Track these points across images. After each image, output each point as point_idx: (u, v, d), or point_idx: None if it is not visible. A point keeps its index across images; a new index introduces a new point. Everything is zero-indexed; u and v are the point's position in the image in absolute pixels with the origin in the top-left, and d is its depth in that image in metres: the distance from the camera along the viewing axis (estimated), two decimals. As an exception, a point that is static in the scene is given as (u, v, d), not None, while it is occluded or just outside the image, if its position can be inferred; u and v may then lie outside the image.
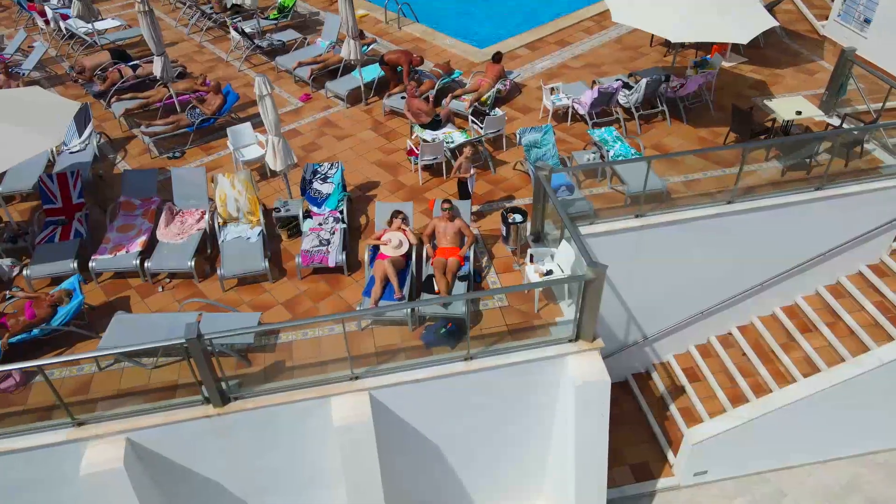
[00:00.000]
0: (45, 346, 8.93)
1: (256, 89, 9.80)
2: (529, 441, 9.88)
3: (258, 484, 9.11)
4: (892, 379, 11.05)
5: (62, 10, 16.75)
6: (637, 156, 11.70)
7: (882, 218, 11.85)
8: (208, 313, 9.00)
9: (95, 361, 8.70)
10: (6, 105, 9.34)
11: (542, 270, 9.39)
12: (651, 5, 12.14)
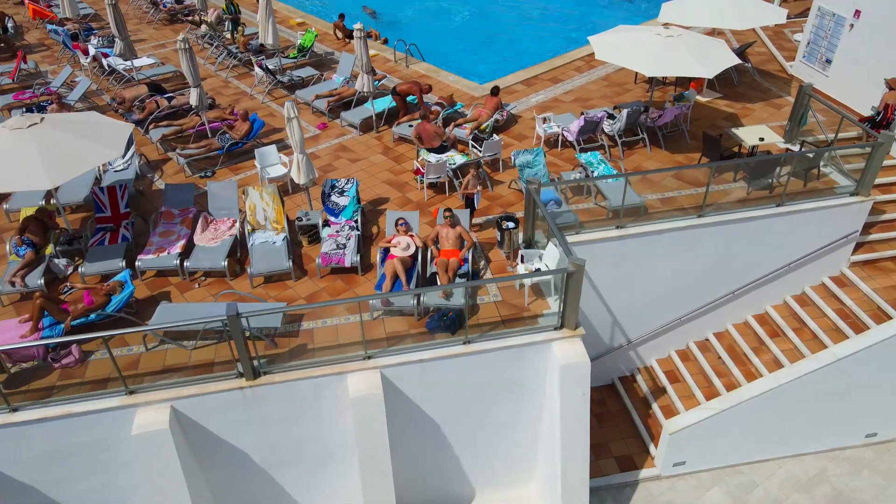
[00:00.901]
0: (99, 330, 10.26)
1: (286, 112, 11.37)
2: (521, 424, 11.12)
3: (280, 455, 10.34)
4: (847, 375, 12.28)
5: (104, 49, 18.55)
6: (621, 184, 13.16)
7: (839, 233, 13.24)
8: (241, 303, 10.35)
9: (143, 342, 10.04)
10: (74, 126, 10.90)
11: (532, 268, 10.77)
12: (630, 46, 13.80)
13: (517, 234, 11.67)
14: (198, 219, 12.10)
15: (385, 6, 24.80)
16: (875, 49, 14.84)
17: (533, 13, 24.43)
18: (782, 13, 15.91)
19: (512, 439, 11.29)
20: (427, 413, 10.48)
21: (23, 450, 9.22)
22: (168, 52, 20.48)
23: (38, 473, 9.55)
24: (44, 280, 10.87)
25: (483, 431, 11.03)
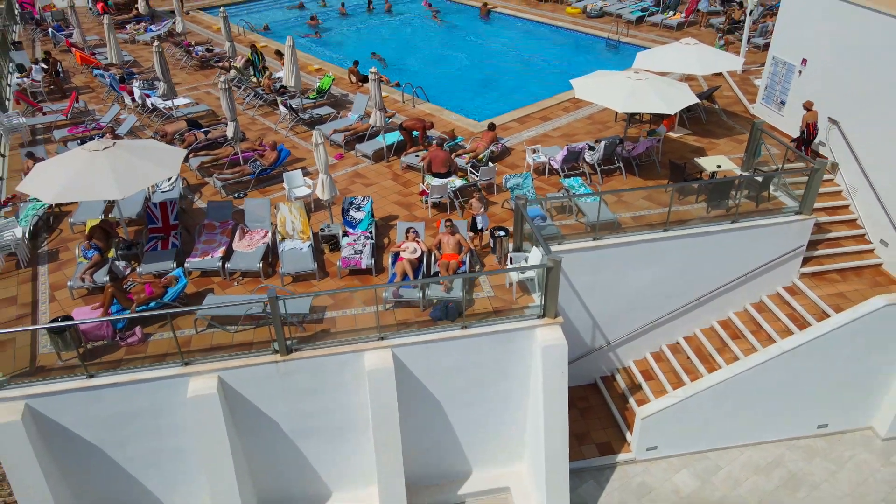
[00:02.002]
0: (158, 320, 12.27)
1: (314, 139, 13.63)
2: (511, 401, 13.00)
3: (306, 423, 12.22)
4: (793, 367, 14.18)
5: (146, 90, 20.99)
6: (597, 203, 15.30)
7: (788, 247, 15.29)
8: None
9: (194, 326, 12.03)
10: (138, 149, 13.12)
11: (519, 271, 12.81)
12: (605, 87, 16.13)
13: (507, 242, 13.74)
14: (235, 230, 14.22)
15: (392, 54, 27.40)
16: (819, 90, 17.14)
17: (526, 60, 27.02)
18: (739, 61, 18.32)
19: (502, 416, 13.15)
20: (429, 389, 12.39)
21: (95, 411, 11.12)
22: (200, 93, 22.94)
23: (105, 433, 11.44)
24: (108, 278, 12.91)
25: (478, 408, 12.90)
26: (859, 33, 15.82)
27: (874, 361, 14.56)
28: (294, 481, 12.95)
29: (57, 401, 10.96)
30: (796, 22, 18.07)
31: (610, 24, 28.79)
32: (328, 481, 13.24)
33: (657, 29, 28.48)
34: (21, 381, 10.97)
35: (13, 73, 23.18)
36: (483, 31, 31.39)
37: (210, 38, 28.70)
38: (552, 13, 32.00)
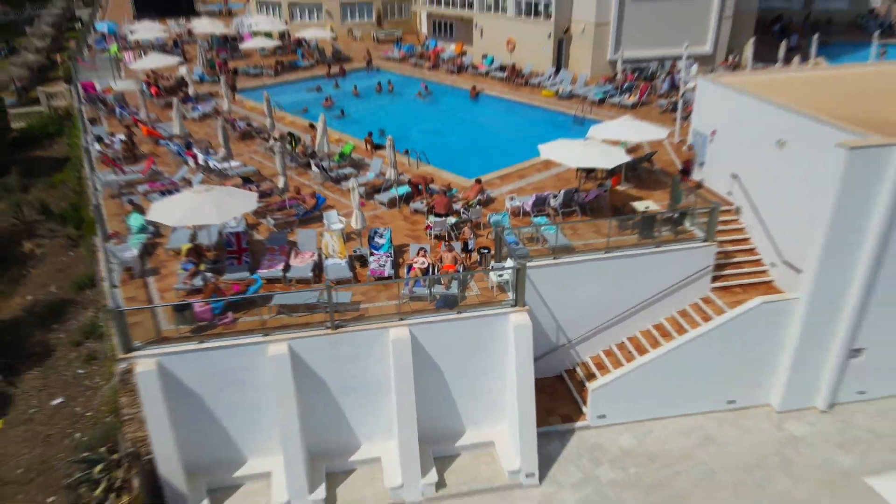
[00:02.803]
0: (244, 308, 17.26)
1: (350, 184, 19.06)
2: (492, 372, 17.91)
3: (345, 383, 17.07)
4: (703, 352, 19.17)
5: (209, 157, 26.61)
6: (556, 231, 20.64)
7: (699, 267, 20.53)
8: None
9: (268, 312, 17.05)
10: (226, 193, 18.52)
11: (498, 276, 18.01)
12: (562, 149, 21.80)
13: (490, 257, 18.99)
14: (291, 251, 19.43)
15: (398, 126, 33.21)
16: (725, 154, 22.84)
17: (507, 132, 32.93)
18: (664, 131, 24.14)
19: (487, 384, 18.07)
20: (434, 360, 17.34)
21: (202, 367, 16.00)
22: (245, 157, 28.51)
23: (208, 384, 16.27)
24: (204, 281, 17.99)
25: (468, 376, 17.84)
26: (746, 113, 21.67)
27: (762, 349, 19.63)
28: (334, 429, 17.67)
29: (177, 358, 15.86)
30: (707, 104, 24.03)
31: (577, 104, 34.96)
32: (359, 433, 17.98)
33: (616, 108, 34.63)
34: (153, 346, 15.89)
35: (94, 144, 28.72)
36: (473, 109, 37.56)
37: (247, 115, 34.62)
38: (530, 94, 38.30)
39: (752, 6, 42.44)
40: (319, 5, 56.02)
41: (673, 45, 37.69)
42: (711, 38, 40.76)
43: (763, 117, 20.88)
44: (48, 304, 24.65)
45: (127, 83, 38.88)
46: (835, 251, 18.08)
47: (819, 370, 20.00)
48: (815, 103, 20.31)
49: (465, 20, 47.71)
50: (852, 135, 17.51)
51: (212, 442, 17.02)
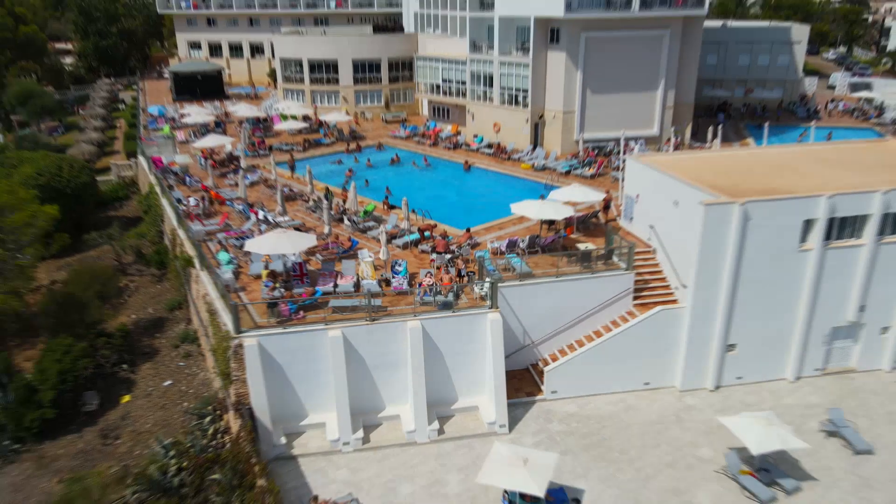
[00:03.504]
0: (310, 309, 25.81)
1: (380, 229, 27.98)
2: (475, 354, 26.33)
3: (377, 359, 25.47)
4: (624, 346, 27.64)
5: (267, 213, 35.56)
6: (521, 263, 29.35)
7: (623, 289, 29.21)
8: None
9: (327, 312, 25.63)
10: (295, 235, 27.42)
11: (481, 289, 26.74)
12: (527, 206, 30.87)
13: (475, 277, 27.75)
14: (337, 275, 28.18)
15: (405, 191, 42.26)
16: (645, 211, 31.91)
17: (492, 195, 42.11)
18: (600, 195, 33.29)
19: (472, 364, 26.46)
20: (438, 346, 25.80)
21: (286, 344, 24.43)
22: (291, 213, 37.46)
23: (289, 358, 24.63)
24: (282, 293, 26.59)
25: (460, 358, 26.23)
26: (656, 182, 30.88)
27: (665, 344, 28.12)
28: (369, 393, 25.92)
29: (269, 339, 24.33)
30: (633, 176, 33.29)
31: (548, 175, 44.34)
32: (385, 397, 26.22)
33: (578, 178, 43.99)
34: (254, 330, 24.40)
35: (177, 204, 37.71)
36: (465, 178, 46.92)
37: (287, 182, 43.85)
38: (512, 167, 47.78)
39: (690, 98, 52.55)
40: (336, 92, 66.49)
41: (626, 128, 47.59)
42: (657, 123, 50.66)
43: (666, 185, 30.04)
44: (149, 320, 33.15)
45: (184, 157, 48.51)
46: (704, 272, 26.94)
47: (706, 360, 28.47)
48: (701, 176, 29.62)
49: (460, 106, 57.86)
50: (711, 196, 26.65)
51: (288, 398, 25.26)
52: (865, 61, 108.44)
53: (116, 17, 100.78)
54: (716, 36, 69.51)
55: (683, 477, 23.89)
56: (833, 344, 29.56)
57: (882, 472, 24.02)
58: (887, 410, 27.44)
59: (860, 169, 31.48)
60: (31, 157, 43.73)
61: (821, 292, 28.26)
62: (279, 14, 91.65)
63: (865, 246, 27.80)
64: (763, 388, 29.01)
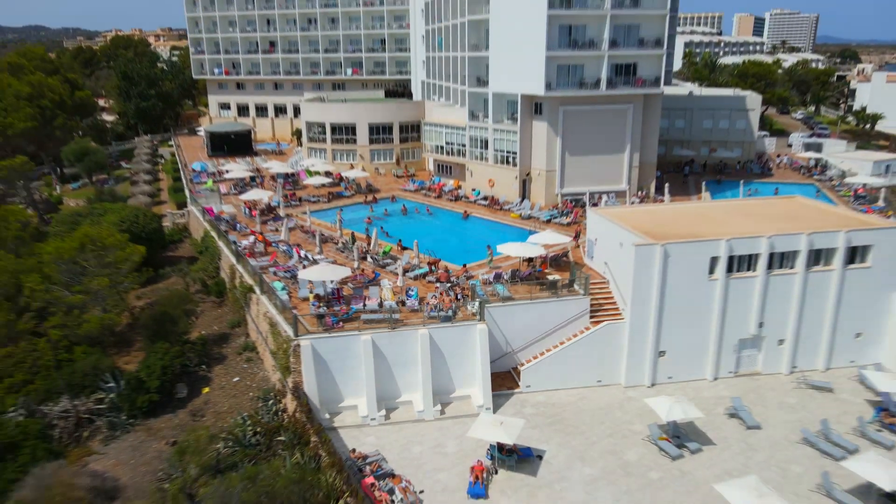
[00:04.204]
0: (347, 321, 35.15)
1: (398, 264, 37.60)
2: (467, 353, 35.57)
3: (395, 356, 34.71)
4: (580, 352, 36.86)
5: (307, 253, 45.21)
6: (504, 289, 38.74)
7: (581, 310, 38.53)
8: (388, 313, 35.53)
9: (361, 322, 35.03)
10: (334, 267, 37.03)
11: (474, 307, 36.20)
12: (510, 247, 40.50)
13: (468, 300, 37.20)
14: (365, 297, 37.65)
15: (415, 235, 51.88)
16: (602, 251, 41.45)
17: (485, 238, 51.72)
18: (568, 239, 42.89)
19: (466, 363, 35.70)
20: (441, 349, 35.09)
21: (330, 346, 33.75)
22: (325, 252, 47.07)
23: (333, 356, 33.92)
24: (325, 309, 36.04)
25: (457, 358, 35.48)
26: (608, 229, 40.53)
27: (612, 350, 37.33)
28: (390, 384, 35.06)
29: (318, 341, 33.69)
30: (593, 224, 42.97)
31: (532, 223, 54.05)
32: (401, 387, 35.36)
33: (556, 226, 53.66)
34: (307, 335, 33.77)
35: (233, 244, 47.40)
36: (464, 225, 56.65)
37: (318, 229, 53.60)
38: (503, 216, 57.55)
39: (652, 159, 62.62)
40: (354, 151, 77.03)
41: (598, 184, 57.55)
42: (625, 180, 60.62)
43: (614, 232, 39.68)
44: (216, 334, 42.53)
45: (230, 207, 58.56)
46: (637, 294, 36.37)
47: (643, 363, 37.61)
48: (642, 224, 39.30)
49: (460, 164, 68.09)
50: (642, 239, 36.28)
51: (331, 386, 34.39)
52: (828, 121, 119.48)
53: (155, 81, 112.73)
54: (684, 103, 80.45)
55: (619, 443, 32.82)
56: (742, 352, 38.73)
57: (764, 441, 32.89)
58: (779, 401, 36.42)
59: (764, 219, 41.13)
60: (112, 208, 53.83)
61: (728, 312, 37.58)
62: (301, 80, 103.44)
63: (758, 277, 37.25)
64: (688, 386, 37.99)
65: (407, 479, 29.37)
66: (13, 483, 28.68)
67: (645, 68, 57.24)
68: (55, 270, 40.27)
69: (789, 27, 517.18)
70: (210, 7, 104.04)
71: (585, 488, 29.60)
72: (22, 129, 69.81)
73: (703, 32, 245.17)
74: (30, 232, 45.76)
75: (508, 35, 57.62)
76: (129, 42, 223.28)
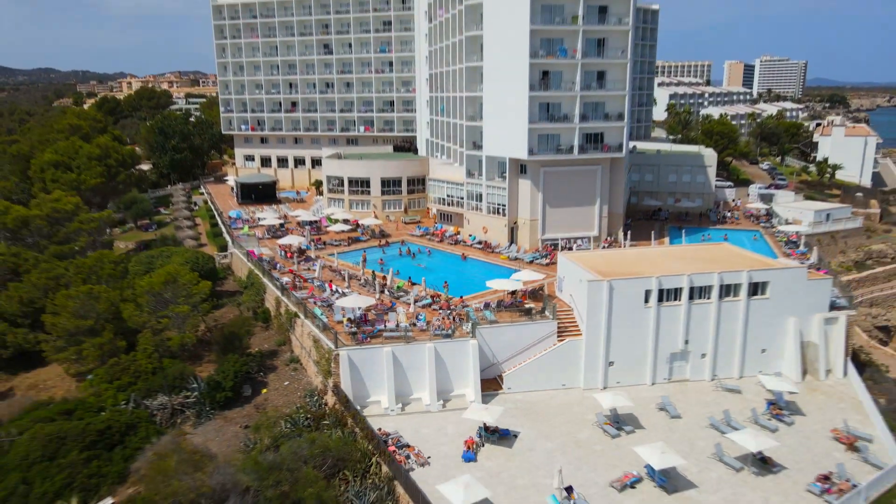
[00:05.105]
0: (373, 337, 47.03)
1: (412, 294, 49.73)
2: (462, 361, 47.39)
3: (410, 365, 46.53)
4: (548, 363, 48.65)
5: (337, 288, 57.27)
6: (491, 314, 50.63)
7: (551, 331, 50.44)
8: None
9: (382, 338, 46.97)
10: (362, 297, 49.16)
11: (469, 328, 48.19)
12: (496, 282, 52.62)
13: (464, 322, 49.19)
14: (386, 320, 49.65)
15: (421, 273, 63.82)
16: (568, 286, 53.50)
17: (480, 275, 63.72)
18: (542, 276, 55.00)
19: (462, 370, 47.53)
20: (443, 359, 46.96)
21: (361, 357, 45.59)
22: (352, 287, 59.13)
23: (362, 363, 45.74)
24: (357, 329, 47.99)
25: (456, 367, 47.31)
26: (572, 269, 52.69)
27: (572, 360, 49.14)
28: (404, 384, 46.77)
29: (352, 351, 45.60)
30: (563, 265, 55.14)
31: (518, 263, 66.16)
32: (413, 387, 47.08)
33: (537, 265, 65.77)
34: (343, 347, 45.69)
35: (276, 281, 59.40)
36: (462, 265, 68.78)
37: (344, 268, 65.74)
38: (494, 258, 69.73)
39: (620, 209, 75.10)
40: (368, 201, 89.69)
41: (574, 230, 69.87)
42: (597, 227, 73.01)
43: (576, 271, 51.80)
44: (267, 351, 54.43)
45: (266, 250, 70.92)
46: (590, 318, 48.31)
47: (597, 371, 49.35)
48: (597, 266, 51.48)
49: (459, 213, 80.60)
50: (594, 276, 48.44)
51: (361, 385, 46.07)
52: (792, 171, 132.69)
53: (188, 136, 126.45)
54: (652, 160, 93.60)
55: (574, 427, 44.37)
56: (673, 363, 50.47)
57: (681, 426, 44.47)
58: (698, 400, 48.06)
59: (692, 261, 53.29)
60: (177, 251, 66.14)
61: (661, 332, 49.44)
62: (319, 135, 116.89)
63: (683, 305, 49.23)
64: (632, 389, 49.56)
65: (419, 449, 40.92)
66: (137, 451, 40.22)
67: (610, 137, 70.24)
68: (146, 301, 52.32)
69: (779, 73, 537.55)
70: (240, 73, 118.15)
71: (547, 456, 41.09)
72: (93, 184, 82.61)
73: (688, 83, 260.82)
74: (120, 270, 57.87)
75: (498, 109, 70.69)
76: (153, 94, 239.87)
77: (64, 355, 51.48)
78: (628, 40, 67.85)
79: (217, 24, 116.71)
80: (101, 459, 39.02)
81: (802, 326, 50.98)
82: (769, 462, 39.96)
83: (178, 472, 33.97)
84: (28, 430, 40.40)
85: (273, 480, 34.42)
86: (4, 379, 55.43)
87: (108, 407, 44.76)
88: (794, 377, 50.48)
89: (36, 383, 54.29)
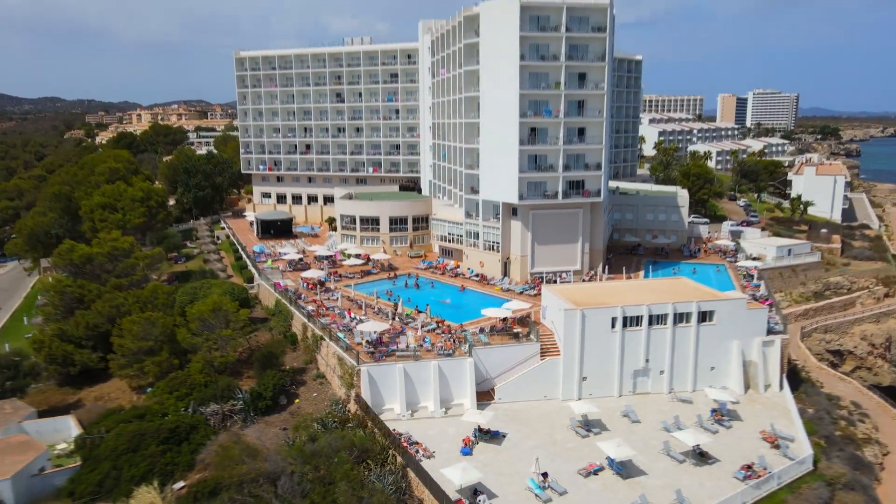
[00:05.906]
0: (387, 356, 57.15)
1: (414, 324, 60.04)
2: (462, 376, 57.48)
3: (419, 379, 56.63)
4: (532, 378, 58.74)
5: (355, 315, 67.51)
6: (485, 337, 60.79)
7: (535, 351, 60.61)
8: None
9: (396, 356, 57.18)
10: (379, 322, 59.49)
11: (467, 348, 58.43)
12: (489, 310, 62.93)
13: (462, 343, 59.42)
14: (398, 342, 59.84)
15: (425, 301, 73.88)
16: (551, 314, 63.76)
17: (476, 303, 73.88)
18: (527, 306, 65.32)
19: (461, 381, 57.63)
20: (446, 374, 57.07)
21: (378, 372, 55.72)
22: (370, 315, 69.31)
23: (380, 377, 55.87)
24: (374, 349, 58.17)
25: (457, 379, 57.42)
26: (553, 299, 63.07)
27: (552, 376, 59.21)
28: (413, 395, 56.77)
29: (371, 367, 55.73)
30: (547, 296, 65.45)
31: (510, 294, 76.39)
32: (420, 397, 57.09)
33: (527, 296, 75.95)
34: (363, 364, 55.86)
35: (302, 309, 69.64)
36: (461, 295, 78.98)
37: (361, 298, 75.93)
38: (490, 289, 79.98)
39: (600, 246, 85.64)
40: (378, 237, 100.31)
41: (559, 265, 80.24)
42: (580, 262, 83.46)
43: (556, 301, 62.11)
44: (296, 368, 64.57)
45: (290, 282, 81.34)
46: (567, 341, 58.53)
47: (573, 384, 59.40)
48: (574, 297, 61.87)
49: (459, 249, 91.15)
50: (570, 305, 58.79)
51: (378, 395, 56.06)
52: (764, 207, 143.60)
53: (210, 175, 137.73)
54: (632, 200, 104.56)
55: (553, 429, 54.29)
56: (636, 379, 60.52)
57: (640, 429, 54.42)
58: (656, 408, 58.04)
59: (653, 293, 63.64)
60: (215, 283, 76.54)
61: (626, 352, 59.56)
62: (331, 175, 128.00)
63: (643, 330, 59.45)
64: (602, 400, 59.46)
65: (426, 445, 50.83)
66: (200, 445, 50.11)
67: (590, 184, 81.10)
68: (196, 325, 62.57)
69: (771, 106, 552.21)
70: (259, 118, 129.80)
71: (529, 451, 50.93)
72: (137, 223, 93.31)
73: (678, 120, 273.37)
74: (170, 300, 68.15)
75: (493, 159, 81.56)
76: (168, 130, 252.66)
77: (127, 371, 61.61)
78: (604, 102, 79.06)
79: (239, 74, 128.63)
80: (173, 452, 48.93)
81: (744, 348, 61.16)
82: (706, 456, 49.89)
83: (240, 459, 43.92)
84: (114, 429, 50.38)
85: (313, 465, 44.34)
86: (72, 392, 65.51)
87: (171, 412, 54.74)
88: (738, 390, 60.50)
89: (101, 395, 64.38)
